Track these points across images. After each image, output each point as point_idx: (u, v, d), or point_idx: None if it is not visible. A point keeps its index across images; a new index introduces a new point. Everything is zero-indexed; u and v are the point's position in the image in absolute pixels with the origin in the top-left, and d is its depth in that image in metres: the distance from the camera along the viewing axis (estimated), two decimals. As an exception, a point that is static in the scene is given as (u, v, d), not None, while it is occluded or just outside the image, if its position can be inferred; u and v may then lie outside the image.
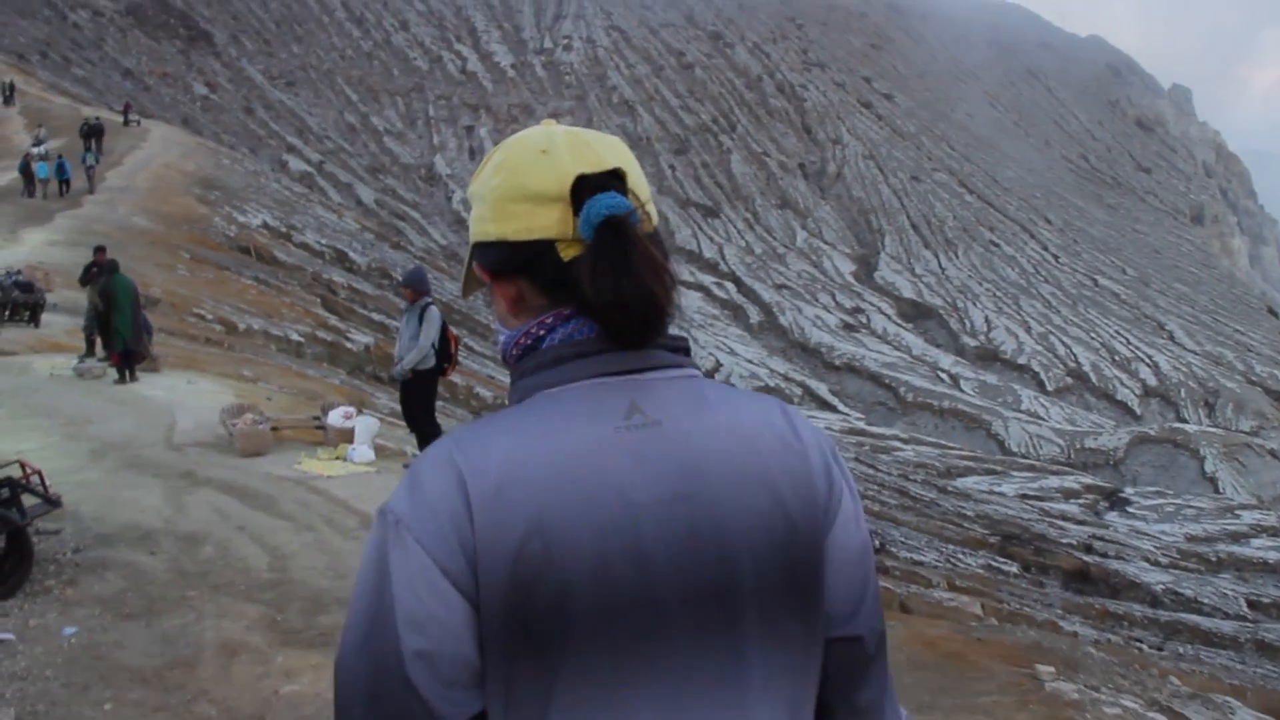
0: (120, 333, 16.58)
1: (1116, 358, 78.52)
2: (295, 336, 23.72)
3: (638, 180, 1.66)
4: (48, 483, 9.00)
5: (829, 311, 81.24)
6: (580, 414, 1.55)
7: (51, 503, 8.84)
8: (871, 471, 39.97)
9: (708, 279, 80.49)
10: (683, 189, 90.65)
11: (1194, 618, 26.54)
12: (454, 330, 13.38)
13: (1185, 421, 69.70)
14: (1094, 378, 74.77)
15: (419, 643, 1.48)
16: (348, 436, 13.85)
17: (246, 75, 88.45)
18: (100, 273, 17.88)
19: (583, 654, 1.49)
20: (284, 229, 36.82)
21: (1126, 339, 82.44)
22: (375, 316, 29.89)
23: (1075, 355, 77.23)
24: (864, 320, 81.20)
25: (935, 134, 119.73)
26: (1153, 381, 75.53)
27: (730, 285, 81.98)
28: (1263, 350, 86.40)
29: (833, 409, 64.07)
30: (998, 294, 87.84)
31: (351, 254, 37.83)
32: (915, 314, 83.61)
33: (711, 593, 1.53)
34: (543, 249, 1.60)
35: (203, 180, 40.77)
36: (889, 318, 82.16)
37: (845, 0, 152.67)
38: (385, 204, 75.51)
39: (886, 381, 69.04)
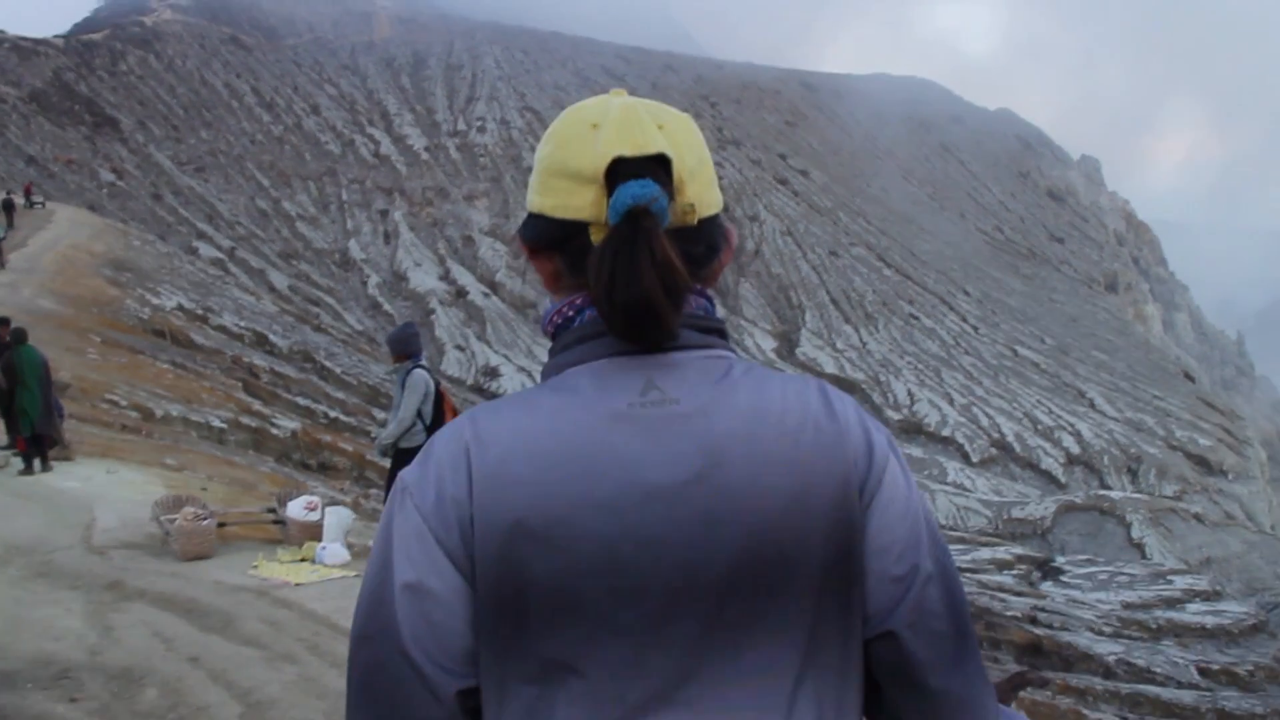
0: (28, 414, 14.64)
1: (1039, 427, 78.60)
2: (217, 423, 22.45)
3: (692, 170, 1.59)
4: None
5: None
6: (592, 390, 1.53)
7: None
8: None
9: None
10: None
11: (1153, 689, 26.00)
12: (453, 399, 11.56)
13: (1109, 488, 69.71)
14: (1018, 447, 74.72)
15: (412, 609, 1.47)
16: (313, 533, 11.68)
17: (154, 161, 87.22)
18: (4, 347, 15.75)
19: (587, 642, 1.45)
20: (200, 311, 35.72)
21: (1048, 408, 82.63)
22: (301, 401, 28.77)
23: (998, 425, 77.23)
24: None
25: (852, 209, 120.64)
26: (1076, 450, 75.57)
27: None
28: (1181, 415, 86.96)
29: (760, 486, 63.46)
30: (919, 366, 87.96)
31: (272, 336, 36.77)
32: (839, 389, 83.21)
33: (730, 581, 1.48)
34: (576, 229, 1.58)
35: (113, 261, 39.61)
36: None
37: (758, 78, 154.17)
38: (299, 290, 74.44)
39: (813, 457, 68.30)
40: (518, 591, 1.42)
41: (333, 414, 28.68)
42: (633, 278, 1.45)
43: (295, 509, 12.08)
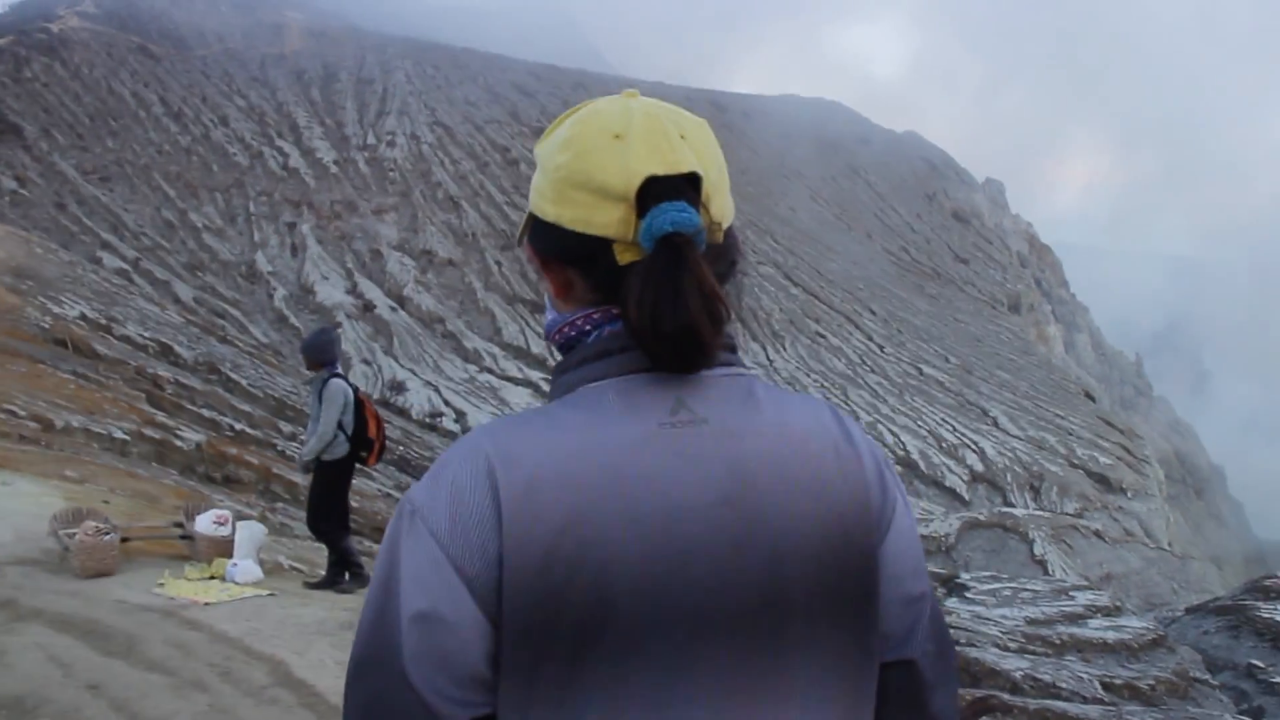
0: None
1: (944, 445, 79.29)
2: (120, 434, 22.00)
3: (715, 183, 1.59)
4: None
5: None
6: (622, 408, 1.49)
7: None
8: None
9: (536, 375, 79.78)
10: (510, 285, 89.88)
11: (1060, 704, 26.41)
12: (375, 407, 11.13)
13: (1012, 506, 70.56)
14: (923, 465, 75.32)
15: (419, 639, 1.40)
16: (223, 549, 11.06)
17: (58, 170, 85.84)
18: None
19: (616, 669, 1.41)
20: (104, 321, 35.23)
21: (952, 426, 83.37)
22: (206, 413, 28.45)
23: (904, 443, 77.82)
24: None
25: (760, 228, 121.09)
26: (979, 467, 76.38)
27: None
28: (1082, 434, 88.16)
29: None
30: (826, 385, 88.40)
31: (177, 348, 36.36)
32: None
33: (758, 606, 1.46)
34: (598, 246, 1.54)
35: (13, 269, 38.86)
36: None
37: (667, 98, 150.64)
38: (204, 302, 73.61)
39: (720, 474, 68.43)
40: (550, 617, 1.37)
41: (239, 426, 28.44)
42: (679, 307, 1.43)
43: (204, 523, 11.54)
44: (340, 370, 11.06)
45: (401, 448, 36.63)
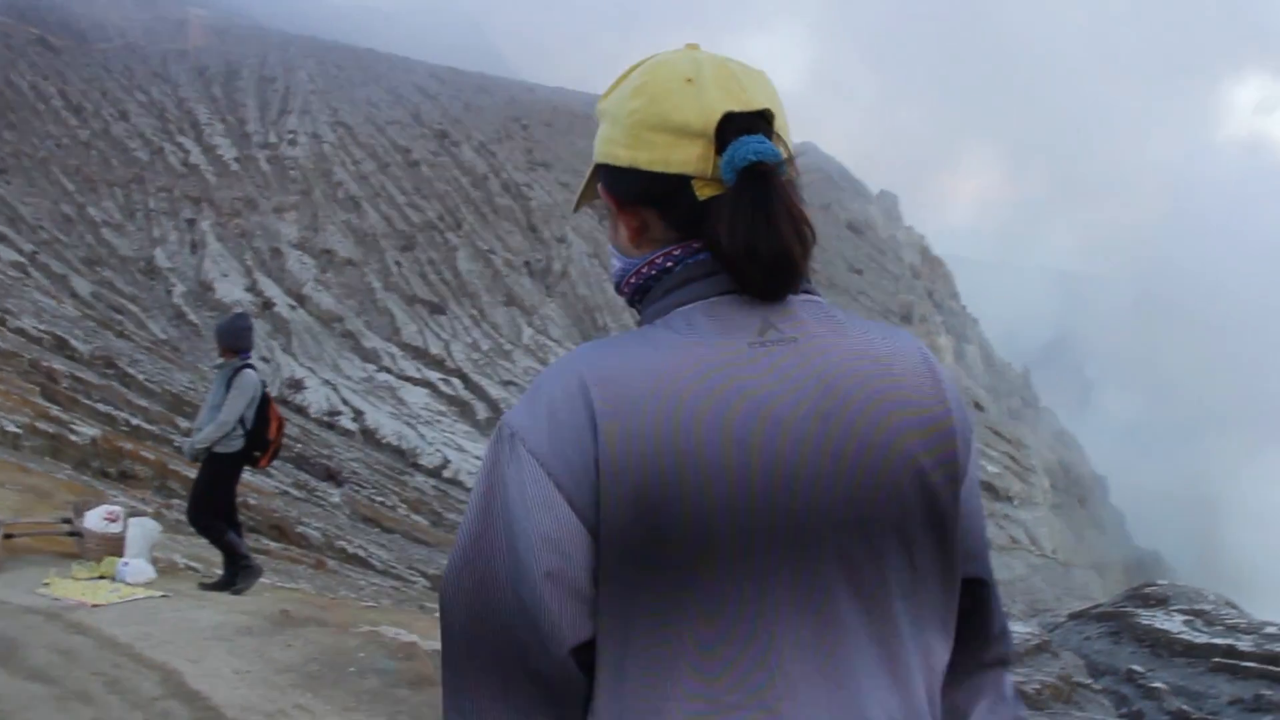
0: None
1: (840, 453, 79.84)
2: (11, 428, 21.64)
3: (784, 123, 1.61)
4: None
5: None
6: (713, 328, 1.50)
7: None
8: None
9: (434, 375, 79.68)
10: (409, 285, 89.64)
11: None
12: (279, 408, 10.69)
13: (905, 515, 71.40)
14: (814, 473, 75.90)
15: (529, 559, 1.40)
16: (114, 547, 10.38)
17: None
18: None
19: (719, 584, 1.40)
20: (-3, 312, 35.02)
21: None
22: (101, 407, 28.37)
23: (797, 451, 78.39)
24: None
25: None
26: (875, 477, 77.11)
27: (457, 381, 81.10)
28: (975, 444, 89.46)
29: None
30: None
31: (73, 341, 36.18)
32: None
33: (856, 522, 1.46)
34: (677, 184, 1.56)
35: (-97, 260, 38.49)
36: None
37: (569, 103, 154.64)
38: (102, 296, 72.75)
39: (617, 477, 68.46)
40: (651, 531, 1.39)
41: (135, 421, 28.34)
42: (773, 233, 1.49)
43: (94, 519, 10.83)
44: (253, 361, 10.58)
45: (300, 445, 36.69)
